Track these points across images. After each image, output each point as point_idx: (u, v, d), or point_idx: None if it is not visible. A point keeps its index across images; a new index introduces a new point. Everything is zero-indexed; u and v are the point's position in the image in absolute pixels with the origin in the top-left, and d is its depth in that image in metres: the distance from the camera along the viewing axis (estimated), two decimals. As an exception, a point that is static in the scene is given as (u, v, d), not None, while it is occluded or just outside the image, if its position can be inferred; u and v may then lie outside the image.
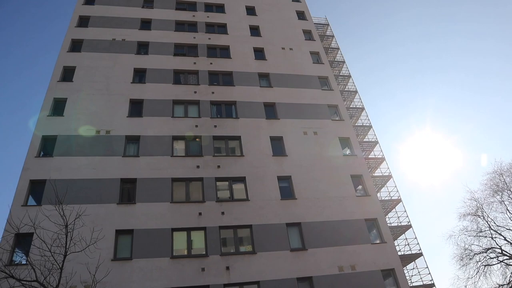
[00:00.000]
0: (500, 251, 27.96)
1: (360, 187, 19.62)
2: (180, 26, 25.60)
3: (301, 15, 28.53)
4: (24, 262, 14.98)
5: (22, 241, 15.44)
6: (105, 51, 22.73)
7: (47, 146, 18.40)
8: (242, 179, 18.42)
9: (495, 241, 28.59)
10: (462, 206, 39.71)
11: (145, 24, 25.12)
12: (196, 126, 19.99)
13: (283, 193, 18.30)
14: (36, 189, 16.89)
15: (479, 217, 29.79)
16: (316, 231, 17.18)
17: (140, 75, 22.17)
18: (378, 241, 17.58)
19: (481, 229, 29.40)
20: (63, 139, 18.40)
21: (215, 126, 20.15)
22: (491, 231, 28.92)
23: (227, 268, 15.50)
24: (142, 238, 15.84)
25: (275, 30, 26.65)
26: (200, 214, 16.84)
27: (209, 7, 27.50)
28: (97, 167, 17.62)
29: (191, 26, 25.79)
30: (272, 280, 15.46)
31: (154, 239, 15.84)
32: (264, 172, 18.74)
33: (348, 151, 20.88)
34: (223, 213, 17.04)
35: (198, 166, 18.39)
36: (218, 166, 18.54)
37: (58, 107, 19.80)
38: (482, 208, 29.82)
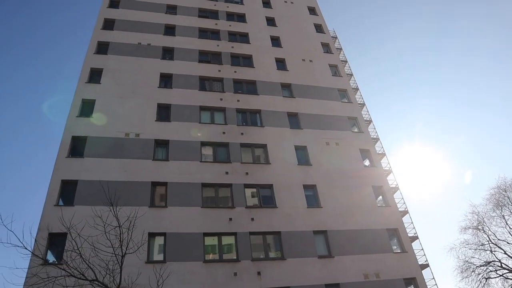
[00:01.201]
0: (499, 264, 29.02)
1: (380, 197, 20.29)
2: (203, 33, 26.11)
3: (319, 28, 29.39)
4: (52, 261, 15.06)
5: (55, 241, 15.54)
6: (131, 55, 23.03)
7: (77, 147, 18.52)
8: (269, 186, 18.88)
9: (494, 254, 29.63)
10: (464, 219, 40.78)
11: (169, 30, 25.53)
12: (224, 133, 20.41)
13: (309, 201, 18.83)
14: (68, 189, 17.00)
15: (480, 231, 30.90)
16: (341, 239, 17.73)
17: (165, 80, 22.53)
18: (399, 251, 18.23)
19: (482, 243, 30.48)
20: (93, 140, 18.57)
21: (242, 134, 20.61)
22: (490, 244, 29.98)
23: (259, 273, 15.87)
24: (175, 241, 16.09)
25: (294, 41, 27.39)
26: (230, 219, 17.20)
27: (230, 16, 28.11)
28: (128, 170, 17.83)
29: (214, 34, 26.32)
30: (301, 286, 15.89)
31: (186, 243, 16.11)
32: (290, 180, 19.25)
33: (368, 163, 21.58)
34: (252, 219, 17.43)
35: (226, 172, 18.78)
36: (246, 173, 18.97)
37: (86, 108, 19.96)
38: (483, 222, 30.95)
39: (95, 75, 21.57)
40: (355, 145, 21.80)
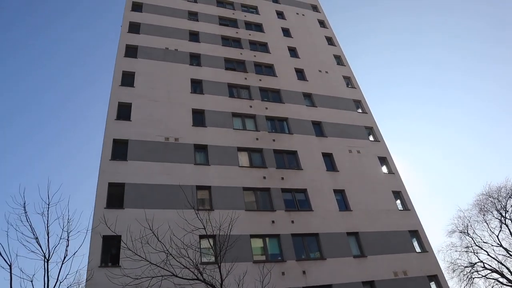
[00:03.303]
0: (482, 265, 32.14)
1: (398, 201, 22.11)
2: (226, 41, 26.89)
3: (330, 41, 31.08)
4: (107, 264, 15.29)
5: (108, 243, 15.75)
6: (160, 59, 23.37)
7: (117, 150, 18.69)
8: (303, 191, 20.07)
9: (477, 256, 32.79)
10: (450, 224, 44.33)
11: (194, 36, 26.07)
12: (257, 139, 21.35)
13: (339, 205, 20.22)
14: (115, 192, 17.19)
15: (465, 234, 34.01)
16: (370, 240, 19.27)
17: (195, 86, 23.09)
18: (420, 250, 20.07)
19: (467, 245, 33.56)
20: (134, 144, 18.83)
21: (274, 140, 21.65)
22: (474, 247, 33.13)
23: (304, 272, 16.98)
24: (224, 243, 16.78)
25: (310, 53, 28.86)
26: (273, 222, 18.19)
27: (248, 25, 29.08)
28: (172, 173, 18.29)
29: (236, 42, 27.17)
30: (341, 284, 17.19)
31: (235, 245, 16.86)
32: (321, 186, 20.55)
33: (385, 170, 23.39)
34: (292, 221, 18.53)
35: (264, 177, 19.75)
36: (282, 178, 20.04)
37: (123, 111, 20.13)
38: (468, 226, 34.08)
39: (127, 78, 21.72)
40: (374, 153, 23.55)
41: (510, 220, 32.33)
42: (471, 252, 33.76)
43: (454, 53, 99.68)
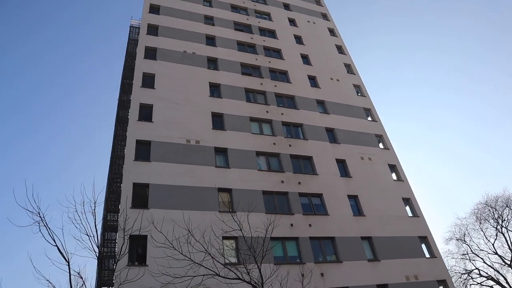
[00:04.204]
0: (478, 272, 33.28)
1: (407, 207, 22.90)
2: (241, 46, 27.41)
3: (340, 49, 31.88)
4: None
5: (134, 243, 16.05)
6: (179, 62, 23.75)
7: (140, 150, 19.00)
8: (319, 196, 20.69)
9: (472, 263, 33.96)
10: (448, 231, 45.61)
11: (210, 40, 26.53)
12: (274, 144, 21.90)
13: (353, 210, 20.88)
14: (140, 193, 17.50)
15: (461, 241, 35.17)
16: (383, 245, 19.96)
17: (213, 90, 23.53)
18: (430, 256, 20.86)
19: (463, 253, 34.70)
20: (157, 145, 19.16)
21: (290, 145, 22.23)
22: (470, 254, 34.29)
23: (322, 274, 17.55)
24: (245, 245, 17.25)
25: (321, 60, 29.58)
26: (291, 225, 18.73)
27: (262, 31, 29.68)
28: (195, 175, 18.69)
29: (251, 48, 27.72)
30: (357, 286, 17.81)
31: (257, 247, 17.33)
32: (335, 191, 21.20)
33: (395, 177, 24.18)
34: (310, 225, 19.10)
35: (282, 181, 20.29)
36: (299, 183, 20.62)
37: (144, 112, 20.45)
38: (465, 234, 35.25)
39: (147, 80, 22.05)
40: (384, 160, 24.34)
41: (506, 228, 33.64)
42: (467, 259, 34.96)
43: (445, 54, 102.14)
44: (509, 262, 32.21)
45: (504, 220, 32.98)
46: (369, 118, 27.16)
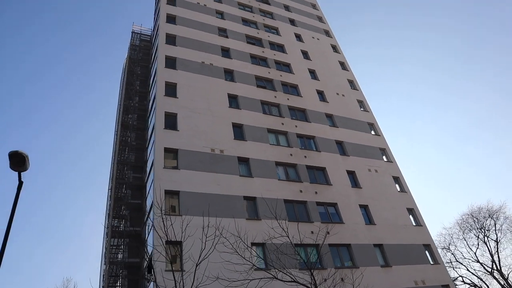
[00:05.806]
0: (462, 280, 35.63)
1: (411, 217, 24.56)
2: (254, 59, 28.47)
3: (343, 65, 33.62)
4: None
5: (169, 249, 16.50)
6: (198, 72, 24.49)
7: (168, 158, 19.52)
8: (334, 205, 21.90)
9: (455, 271, 36.30)
10: (434, 240, 47.87)
11: (225, 53, 27.43)
12: (291, 154, 22.98)
13: (364, 219, 22.24)
14: (170, 199, 18.01)
15: (447, 250, 37.51)
16: (393, 252, 21.40)
17: (231, 101, 24.38)
18: (433, 263, 22.49)
19: (448, 261, 37.01)
20: (184, 153, 19.77)
21: (305, 157, 23.39)
22: (453, 263, 36.64)
23: (342, 279, 18.64)
24: (273, 251, 18.12)
25: (327, 75, 31.13)
26: (312, 232, 19.76)
27: (272, 45, 30.91)
28: (221, 184, 19.42)
29: (263, 61, 28.83)
30: (374, 291, 19.05)
31: (282, 252, 18.24)
32: (348, 200, 22.51)
33: (398, 188, 25.85)
34: (328, 232, 20.18)
35: (300, 191, 21.37)
36: (316, 192, 21.76)
37: (169, 121, 21.00)
38: (450, 243, 37.65)
39: (170, 89, 22.61)
40: (388, 173, 25.99)
41: (488, 238, 36.26)
42: (451, 267, 37.26)
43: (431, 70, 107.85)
44: (490, 270, 34.69)
45: (488, 230, 35.54)
46: (373, 132, 28.85)
